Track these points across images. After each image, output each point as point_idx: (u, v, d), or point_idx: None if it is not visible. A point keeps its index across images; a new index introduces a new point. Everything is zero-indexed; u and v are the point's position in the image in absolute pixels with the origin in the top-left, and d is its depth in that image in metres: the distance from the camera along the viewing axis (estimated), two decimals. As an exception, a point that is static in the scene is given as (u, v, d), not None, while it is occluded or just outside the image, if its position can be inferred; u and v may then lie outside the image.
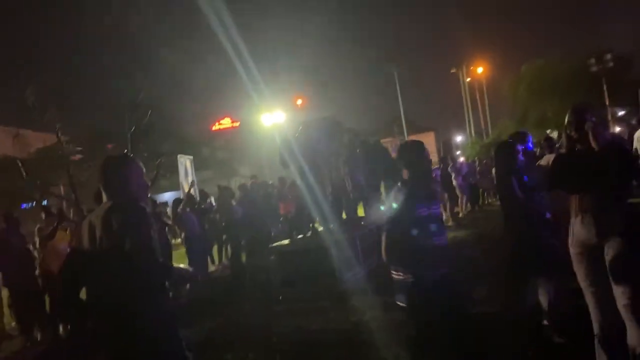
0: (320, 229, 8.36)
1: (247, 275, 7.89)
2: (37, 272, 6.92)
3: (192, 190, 10.29)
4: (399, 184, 3.49)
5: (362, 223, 8.70)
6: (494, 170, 5.48)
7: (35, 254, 7.11)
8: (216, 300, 7.76)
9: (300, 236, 8.46)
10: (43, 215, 7.17)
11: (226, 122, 48.33)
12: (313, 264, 7.12)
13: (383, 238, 3.54)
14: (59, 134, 6.43)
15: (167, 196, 24.14)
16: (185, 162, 18.04)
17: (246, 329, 6.13)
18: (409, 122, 42.44)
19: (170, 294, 2.83)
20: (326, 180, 8.59)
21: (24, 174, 7.21)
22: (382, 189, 13.53)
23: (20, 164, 7.50)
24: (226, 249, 11.31)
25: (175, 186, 15.05)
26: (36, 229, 7.21)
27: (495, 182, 4.96)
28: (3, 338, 7.23)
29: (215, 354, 5.17)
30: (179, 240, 11.32)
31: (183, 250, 9.23)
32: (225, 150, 40.51)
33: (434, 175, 11.22)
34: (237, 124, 47.51)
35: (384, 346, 4.53)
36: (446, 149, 49.24)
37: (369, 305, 6.06)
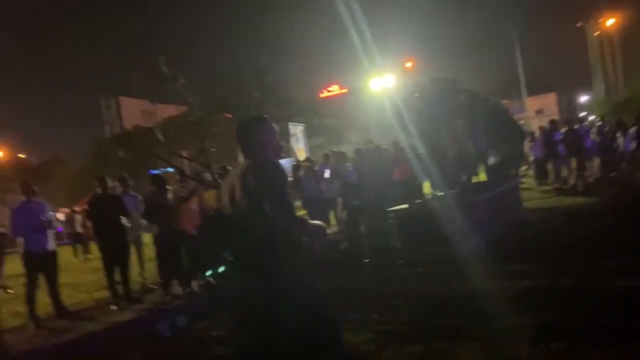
0: (440, 193, 8.14)
1: (365, 239, 7.92)
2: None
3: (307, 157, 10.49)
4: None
5: (484, 187, 8.35)
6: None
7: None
8: (334, 264, 7.91)
9: (419, 201, 8.31)
10: (177, 178, 7.68)
11: (335, 89, 48.67)
12: (433, 229, 6.96)
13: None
14: (189, 101, 6.80)
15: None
16: (296, 130, 18.50)
17: (367, 292, 6.19)
18: (527, 82, 39.76)
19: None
20: (445, 142, 8.31)
21: (162, 138, 7.75)
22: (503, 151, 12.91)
23: (156, 131, 8.09)
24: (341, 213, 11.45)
25: (287, 153, 15.46)
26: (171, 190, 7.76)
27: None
28: (145, 291, 7.95)
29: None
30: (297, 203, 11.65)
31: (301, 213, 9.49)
32: (334, 117, 40.84)
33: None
34: (345, 90, 47.65)
35: (507, 317, 4.33)
36: (570, 109, 45.58)
37: (491, 274, 5.85)
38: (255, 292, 2.66)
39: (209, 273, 7.09)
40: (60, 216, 33.06)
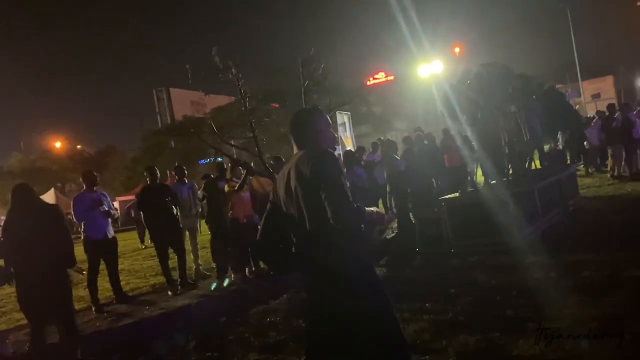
0: (493, 181, 7.95)
1: (416, 229, 7.83)
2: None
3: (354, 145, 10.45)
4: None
5: (539, 175, 8.09)
6: None
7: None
8: (386, 253, 7.89)
9: (471, 189, 8.14)
10: (229, 167, 7.82)
11: (380, 76, 48.18)
12: (487, 218, 6.81)
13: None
14: (242, 90, 6.87)
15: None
16: (343, 118, 18.41)
17: (420, 281, 6.13)
18: (583, 66, 38.17)
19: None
20: (500, 129, 8.08)
21: (215, 128, 7.88)
22: (560, 138, 12.47)
23: (208, 120, 8.25)
24: (390, 202, 11.39)
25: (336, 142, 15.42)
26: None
27: None
28: (199, 278, 8.16)
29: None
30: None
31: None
32: (380, 104, 40.47)
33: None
34: (391, 77, 47.11)
35: (567, 309, 4.20)
36: (627, 94, 43.48)
37: (548, 264, 5.68)
38: (313, 282, 2.68)
39: (264, 260, 7.19)
40: (116, 204, 34.48)
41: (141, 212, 8.14)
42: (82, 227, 6.98)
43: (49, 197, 25.28)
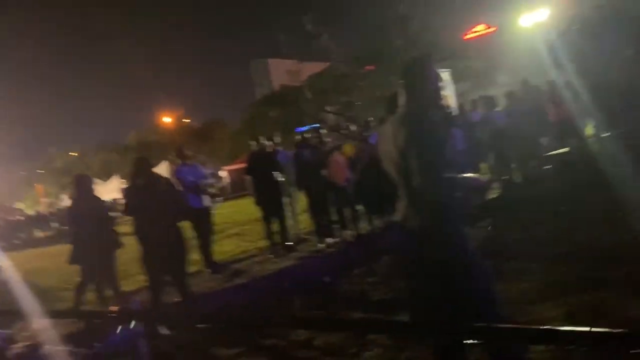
0: (605, 134, 7.39)
1: (518, 187, 7.53)
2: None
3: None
4: None
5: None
6: None
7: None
8: (487, 213, 7.68)
9: (580, 144, 7.65)
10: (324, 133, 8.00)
11: (480, 29, 45.62)
12: (597, 174, 6.40)
13: None
14: (334, 56, 6.92)
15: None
16: (443, 76, 17.75)
17: (526, 241, 5.93)
18: None
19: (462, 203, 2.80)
20: (612, 77, 7.44)
21: (310, 95, 8.06)
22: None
23: (304, 89, 8.43)
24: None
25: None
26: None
27: None
28: (299, 241, 8.50)
29: (494, 263, 5.13)
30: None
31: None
32: (481, 59, 38.46)
33: None
34: (492, 29, 44.49)
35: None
36: None
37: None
38: (411, 242, 2.73)
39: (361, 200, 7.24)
40: (223, 173, 36.35)
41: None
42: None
43: (162, 168, 27.02)
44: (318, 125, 9.32)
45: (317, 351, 3.97)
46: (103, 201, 6.59)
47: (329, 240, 7.82)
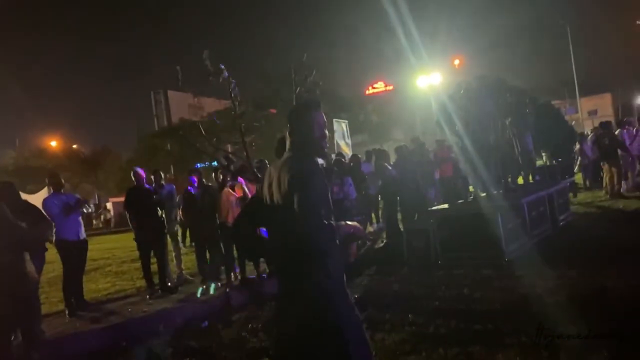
0: (483, 194, 7.91)
1: (404, 238, 7.78)
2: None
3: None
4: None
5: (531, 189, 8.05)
6: None
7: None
8: (373, 262, 7.84)
9: (460, 201, 8.11)
10: (219, 170, 7.78)
11: (379, 86, 48.27)
12: (475, 231, 6.78)
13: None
14: (232, 95, 6.83)
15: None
16: (341, 126, 18.42)
17: (404, 293, 6.07)
18: (581, 83, 38.31)
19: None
20: (490, 143, 8.05)
21: (203, 132, 7.86)
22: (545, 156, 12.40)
23: (200, 125, 8.22)
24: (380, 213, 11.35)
25: (331, 148, 15.38)
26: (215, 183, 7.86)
27: None
28: (182, 282, 8.06)
29: (373, 313, 5.19)
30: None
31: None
32: (379, 113, 40.51)
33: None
34: (390, 87, 47.22)
35: (553, 324, 4.13)
36: (625, 112, 43.63)
37: (538, 278, 5.63)
38: (282, 290, 2.64)
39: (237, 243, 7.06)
40: (109, 205, 34.31)
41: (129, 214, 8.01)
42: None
43: (43, 194, 25.04)
44: (216, 163, 9.09)
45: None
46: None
47: (213, 283, 7.49)
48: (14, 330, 4.47)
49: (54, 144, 44.82)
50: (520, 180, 10.47)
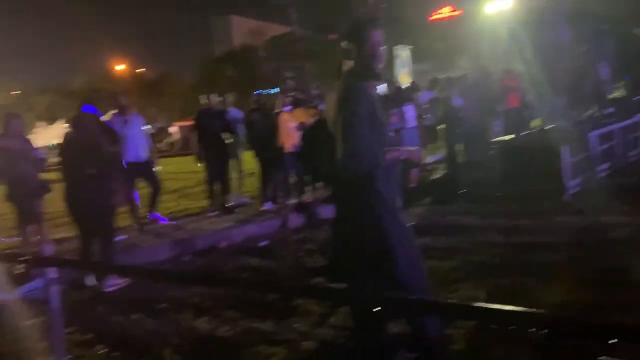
0: (550, 125, 7.58)
1: (462, 169, 7.66)
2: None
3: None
4: None
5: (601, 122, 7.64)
6: None
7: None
8: (429, 192, 7.79)
9: (524, 132, 7.83)
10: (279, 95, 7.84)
11: (446, 11, 45.85)
12: (537, 163, 6.58)
13: None
14: (292, 18, 6.73)
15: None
16: (402, 53, 17.79)
17: (461, 223, 6.05)
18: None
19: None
20: (561, 72, 7.62)
21: (264, 54, 7.86)
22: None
23: (260, 50, 8.21)
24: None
25: (389, 77, 14.98)
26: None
27: None
28: (242, 204, 8.36)
29: (428, 241, 5.20)
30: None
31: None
32: (444, 40, 38.72)
33: None
34: (457, 12, 44.76)
35: (610, 259, 4.06)
36: None
37: (600, 214, 5.45)
38: (336, 214, 2.71)
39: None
40: (174, 129, 35.38)
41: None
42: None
43: (109, 116, 25.94)
44: (278, 89, 9.12)
45: (241, 312, 3.92)
46: (31, 144, 6.24)
47: (272, 205, 7.75)
48: (94, 235, 4.93)
49: (120, 67, 46.05)
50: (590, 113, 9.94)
